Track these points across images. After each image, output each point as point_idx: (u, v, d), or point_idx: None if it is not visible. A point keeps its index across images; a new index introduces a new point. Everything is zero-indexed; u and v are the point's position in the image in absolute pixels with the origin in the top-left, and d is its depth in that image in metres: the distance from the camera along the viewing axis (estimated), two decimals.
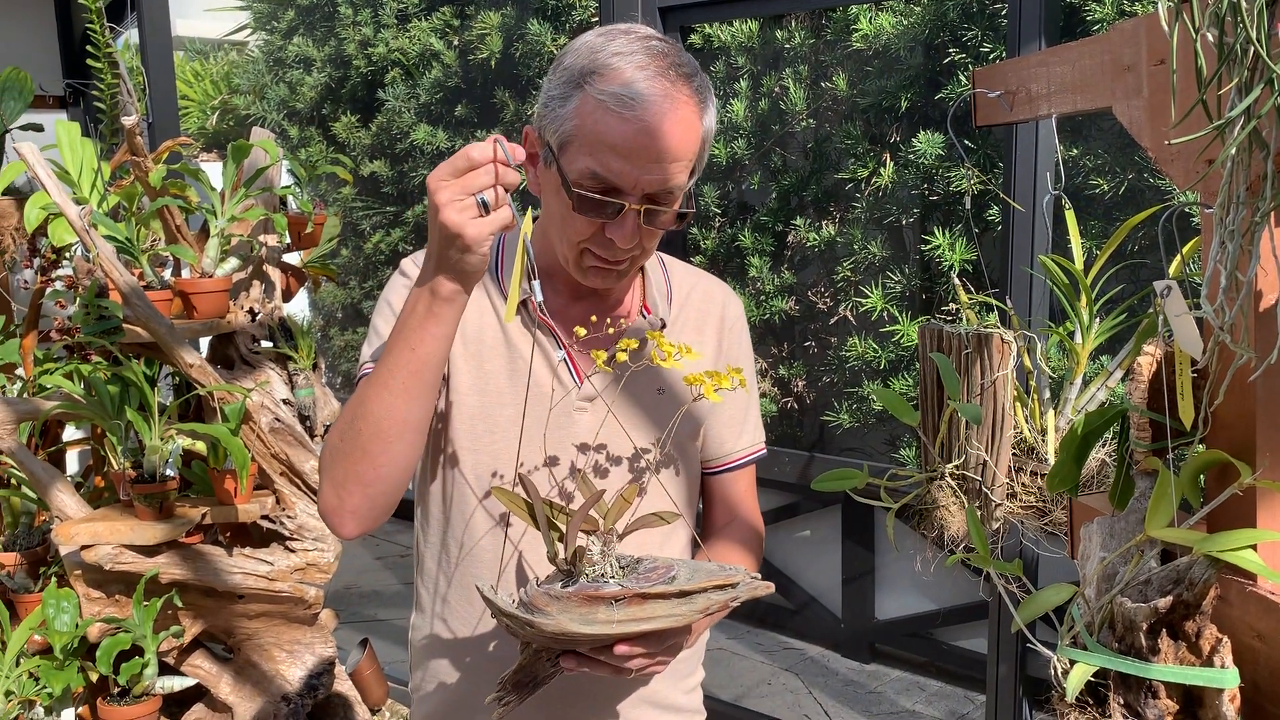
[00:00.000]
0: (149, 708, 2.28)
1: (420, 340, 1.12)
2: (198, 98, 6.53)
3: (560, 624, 1.05)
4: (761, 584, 1.10)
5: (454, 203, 1.04)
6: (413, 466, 1.19)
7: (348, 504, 1.18)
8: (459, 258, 1.06)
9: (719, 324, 1.42)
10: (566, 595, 1.06)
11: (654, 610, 1.06)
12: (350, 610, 4.33)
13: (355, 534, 1.21)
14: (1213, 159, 0.84)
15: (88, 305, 2.42)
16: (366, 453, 1.15)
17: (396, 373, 1.13)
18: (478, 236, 1.05)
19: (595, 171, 1.17)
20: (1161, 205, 1.12)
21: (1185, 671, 0.87)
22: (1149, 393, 0.99)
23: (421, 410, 1.15)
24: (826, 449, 3.82)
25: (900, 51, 3.35)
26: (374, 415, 1.14)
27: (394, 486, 1.18)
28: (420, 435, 1.17)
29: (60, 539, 2.19)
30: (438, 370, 1.14)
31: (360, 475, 1.16)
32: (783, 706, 3.59)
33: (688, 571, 1.10)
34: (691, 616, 1.07)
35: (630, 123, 1.15)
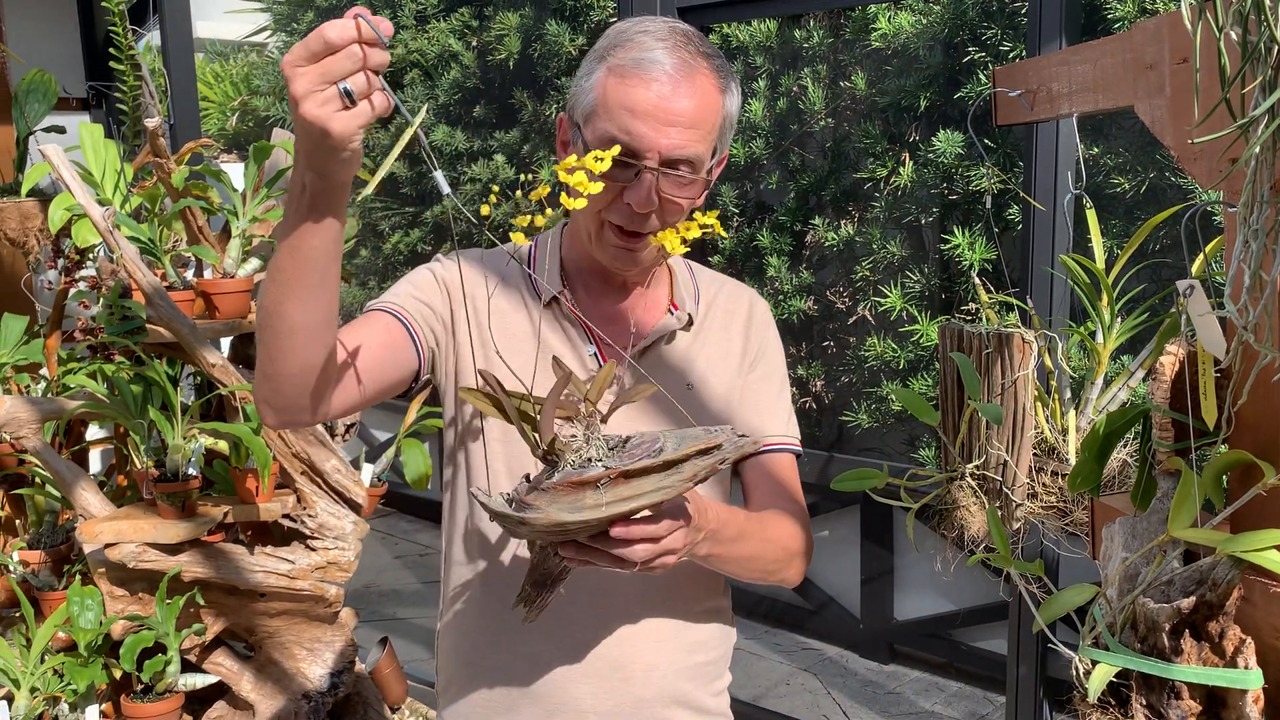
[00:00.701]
0: (172, 705, 2.30)
1: (300, 239, 1.03)
2: (218, 99, 6.57)
3: (550, 515, 1.01)
4: (746, 441, 1.06)
5: (313, 94, 0.91)
6: (318, 365, 1.12)
7: (261, 392, 1.15)
8: (326, 156, 0.95)
9: (745, 322, 1.41)
10: (553, 486, 1.01)
11: (641, 487, 1.01)
12: (370, 609, 4.35)
13: (276, 424, 1.18)
14: (1236, 158, 0.84)
15: (111, 306, 2.44)
16: (265, 345, 1.11)
17: (281, 270, 1.06)
18: (344, 132, 0.93)
19: (613, 135, 1.19)
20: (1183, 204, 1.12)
21: (1208, 672, 0.87)
22: (1171, 392, 0.99)
23: (313, 310, 1.08)
24: (845, 449, 3.81)
25: (919, 50, 3.34)
26: (268, 312, 1.09)
27: (301, 382, 1.12)
28: (317, 335, 1.10)
29: (84, 537, 2.21)
30: (322, 273, 1.06)
31: (263, 367, 1.13)
32: (801, 707, 3.59)
33: (675, 441, 1.05)
34: (682, 486, 1.02)
35: (647, 84, 1.18)
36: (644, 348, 1.34)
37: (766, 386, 1.40)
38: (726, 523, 1.20)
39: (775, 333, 1.44)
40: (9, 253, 3.20)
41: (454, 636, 1.40)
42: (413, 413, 2.75)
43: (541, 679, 1.33)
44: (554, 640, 1.32)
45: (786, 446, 1.40)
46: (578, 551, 1.06)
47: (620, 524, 1.03)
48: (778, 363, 1.43)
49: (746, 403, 1.38)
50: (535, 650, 1.33)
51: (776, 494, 1.37)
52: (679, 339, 1.36)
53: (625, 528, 1.03)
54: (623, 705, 1.33)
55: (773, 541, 1.31)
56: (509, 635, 1.35)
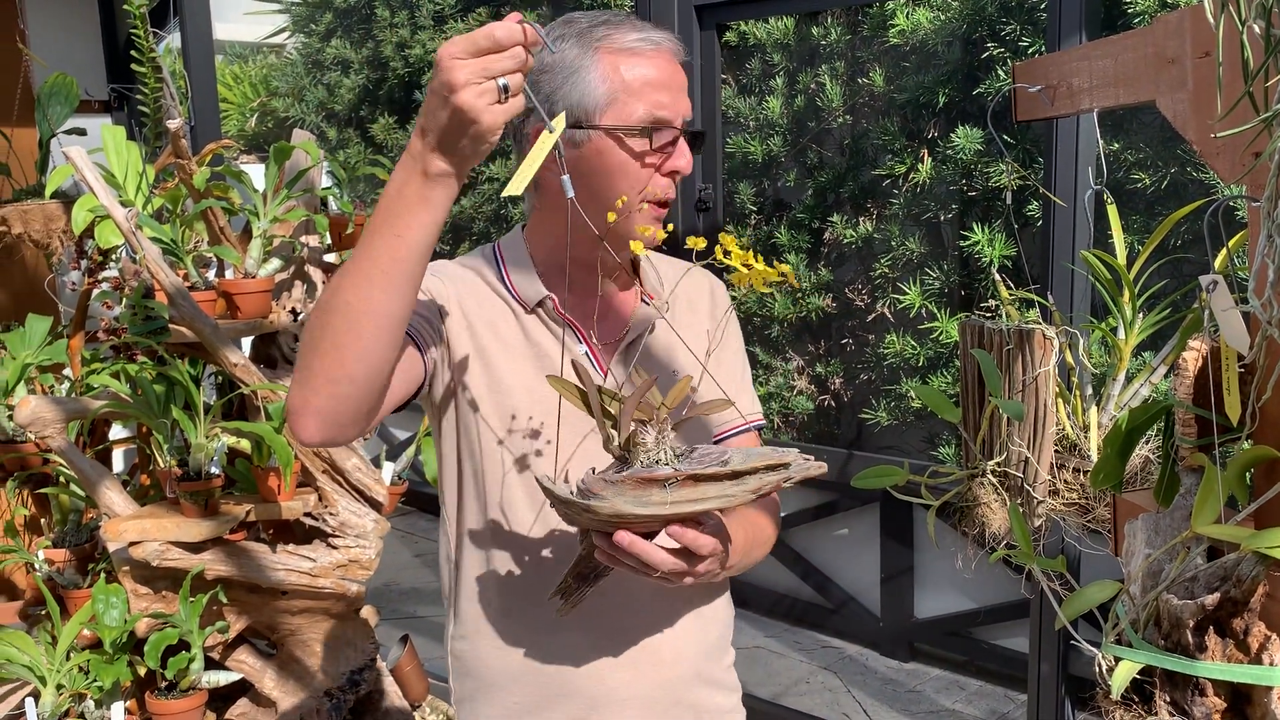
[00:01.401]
0: (195, 701, 2.32)
1: (408, 226, 1.03)
2: (237, 100, 6.61)
3: (615, 505, 1.07)
4: (814, 464, 1.11)
5: (472, 84, 0.96)
6: (386, 372, 1.11)
7: (312, 402, 1.08)
8: (467, 144, 1.00)
9: (709, 304, 1.47)
10: (621, 479, 1.07)
11: (706, 492, 1.08)
12: (390, 607, 4.37)
13: (316, 439, 1.11)
14: (1259, 152, 0.83)
15: (134, 306, 2.46)
16: (337, 346, 1.06)
17: (379, 261, 1.04)
18: (493, 124, 0.98)
19: (650, 112, 1.25)
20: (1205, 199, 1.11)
21: (1233, 669, 0.87)
22: (1194, 388, 0.99)
23: (401, 305, 1.07)
24: (864, 447, 3.80)
25: (938, 47, 3.33)
26: (349, 306, 1.05)
27: (363, 390, 1.09)
28: (396, 334, 1.08)
29: (108, 536, 2.23)
30: (421, 263, 1.06)
31: (328, 371, 1.07)
32: (821, 705, 3.58)
33: (741, 456, 1.11)
34: (744, 497, 1.09)
35: (661, 57, 1.26)
36: (631, 341, 1.37)
37: (734, 365, 1.47)
38: (737, 544, 1.27)
39: (734, 315, 1.51)
40: (33, 254, 3.24)
41: (475, 644, 1.39)
42: None
43: (577, 673, 1.34)
44: (585, 633, 1.33)
45: (754, 424, 1.48)
46: (610, 547, 1.11)
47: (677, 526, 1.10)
48: (740, 340, 1.50)
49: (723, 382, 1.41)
50: (569, 645, 1.34)
51: None
52: (659, 327, 1.40)
53: (680, 529, 1.10)
54: (657, 689, 1.36)
55: (763, 543, 1.40)
56: (538, 636, 1.35)
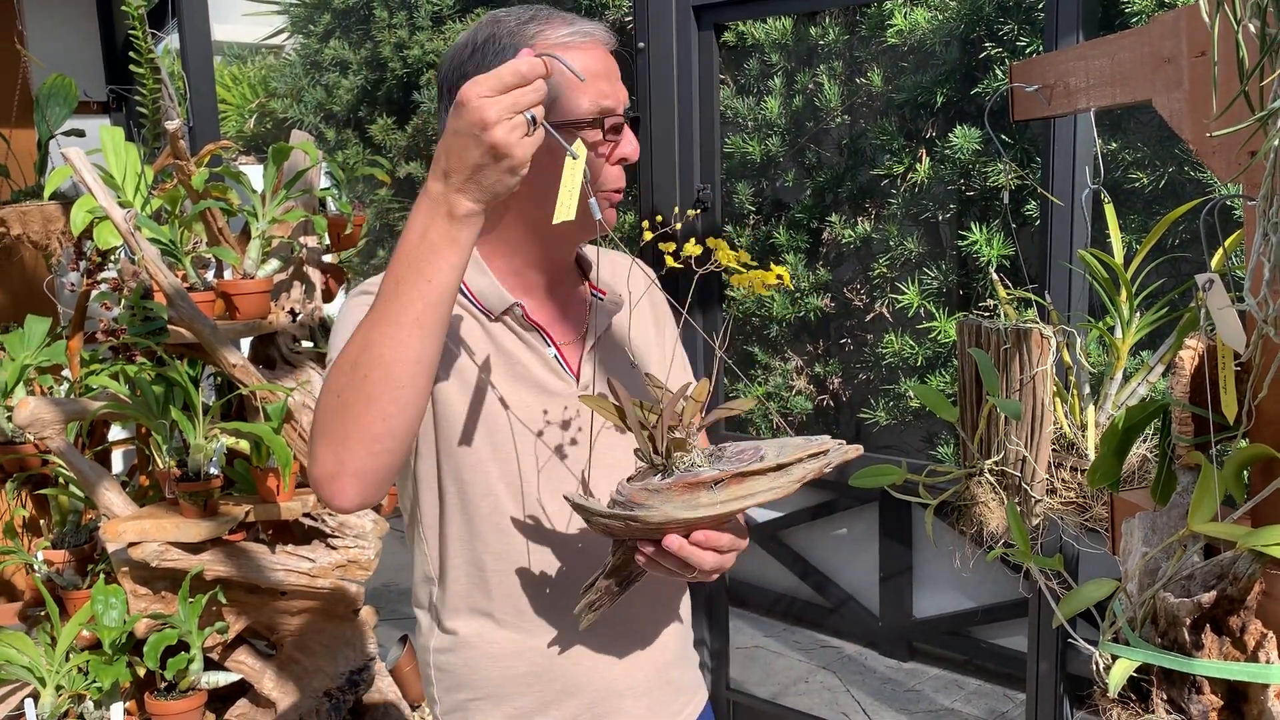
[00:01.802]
0: (195, 702, 2.32)
1: (437, 270, 1.03)
2: (236, 101, 6.61)
3: (666, 513, 1.08)
4: (851, 448, 1.14)
5: (504, 121, 0.99)
6: (419, 420, 1.09)
7: (349, 465, 1.06)
8: (499, 178, 1.02)
9: (642, 289, 1.48)
10: (665, 487, 1.09)
11: (754, 487, 1.10)
12: (390, 608, 4.37)
13: (355, 503, 1.08)
14: (1255, 151, 0.84)
15: (133, 307, 2.46)
16: (373, 402, 1.04)
17: (410, 308, 1.03)
18: (525, 157, 1.01)
19: (598, 103, 1.23)
20: (1202, 199, 1.11)
21: (1230, 667, 0.87)
22: (1191, 387, 0.99)
23: (434, 350, 1.07)
24: (863, 446, 3.80)
25: (936, 46, 3.33)
26: (383, 359, 1.03)
27: (401, 444, 1.08)
28: (430, 382, 1.08)
29: (108, 536, 2.23)
30: (450, 305, 1.06)
31: (366, 429, 1.05)
32: (820, 704, 3.59)
33: (774, 449, 1.13)
34: (790, 487, 1.11)
35: (594, 49, 1.25)
36: (596, 339, 1.37)
37: (676, 347, 1.48)
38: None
39: (659, 289, 1.50)
40: (31, 255, 3.24)
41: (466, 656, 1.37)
42: None
43: (578, 671, 1.35)
44: (581, 633, 1.33)
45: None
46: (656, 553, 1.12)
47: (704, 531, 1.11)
48: (671, 319, 1.50)
49: (676, 365, 1.45)
50: (566, 647, 1.34)
51: None
52: (613, 326, 1.40)
53: (707, 534, 1.12)
54: (650, 675, 1.39)
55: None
56: (533, 640, 1.35)
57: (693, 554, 1.11)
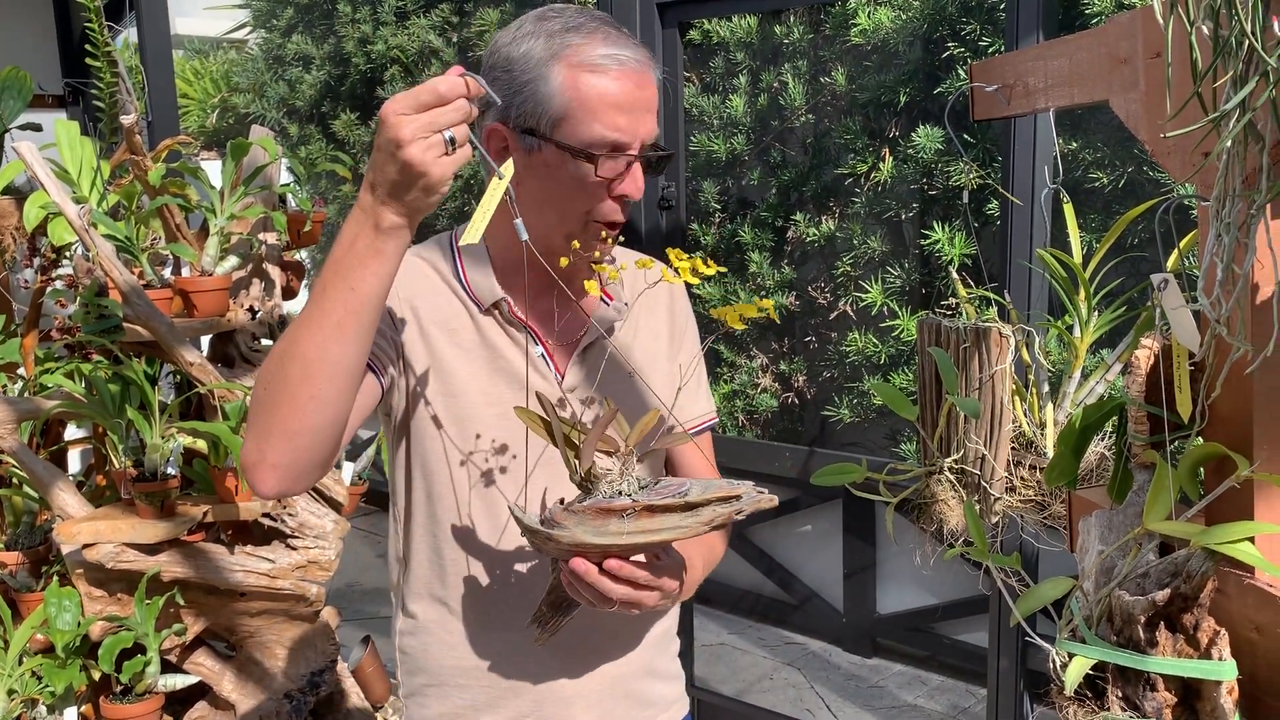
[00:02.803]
0: (152, 706, 2.29)
1: (361, 279, 1.05)
2: (197, 96, 6.53)
3: (575, 535, 1.10)
4: (765, 497, 1.12)
5: (419, 139, 0.99)
6: (341, 421, 1.11)
7: (269, 456, 1.09)
8: (417, 196, 1.02)
9: (668, 300, 1.46)
10: (582, 509, 1.11)
11: (662, 523, 1.10)
12: (352, 608, 4.33)
13: (274, 491, 1.12)
14: (1209, 152, 0.84)
15: (88, 304, 2.42)
16: (294, 399, 1.07)
17: (332, 312, 1.05)
18: (443, 176, 1.01)
19: (603, 134, 1.20)
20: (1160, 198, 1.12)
21: (1183, 664, 0.88)
22: (1147, 386, 1.00)
23: (357, 355, 1.08)
24: (827, 444, 3.82)
25: (899, 46, 3.35)
26: (305, 358, 1.06)
27: (321, 440, 1.10)
28: (352, 384, 1.10)
29: (62, 538, 2.19)
30: (376, 312, 1.07)
31: (285, 424, 1.08)
32: (785, 701, 3.60)
33: (700, 488, 1.13)
34: (698, 529, 1.11)
35: (624, 79, 1.21)
36: (589, 344, 1.36)
37: (695, 364, 1.47)
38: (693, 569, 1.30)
39: (688, 303, 1.50)
40: None
41: (424, 641, 1.39)
42: None
43: (526, 672, 1.35)
44: (531, 631, 1.33)
45: (708, 424, 1.50)
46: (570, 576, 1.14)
47: (616, 559, 1.12)
48: (695, 337, 1.50)
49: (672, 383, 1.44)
50: (518, 644, 1.34)
51: (702, 471, 1.47)
52: (616, 329, 1.39)
53: (618, 563, 1.12)
54: (603, 685, 1.38)
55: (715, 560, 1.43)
56: (487, 635, 1.35)
57: (599, 581, 1.13)
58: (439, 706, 1.39)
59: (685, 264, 1.14)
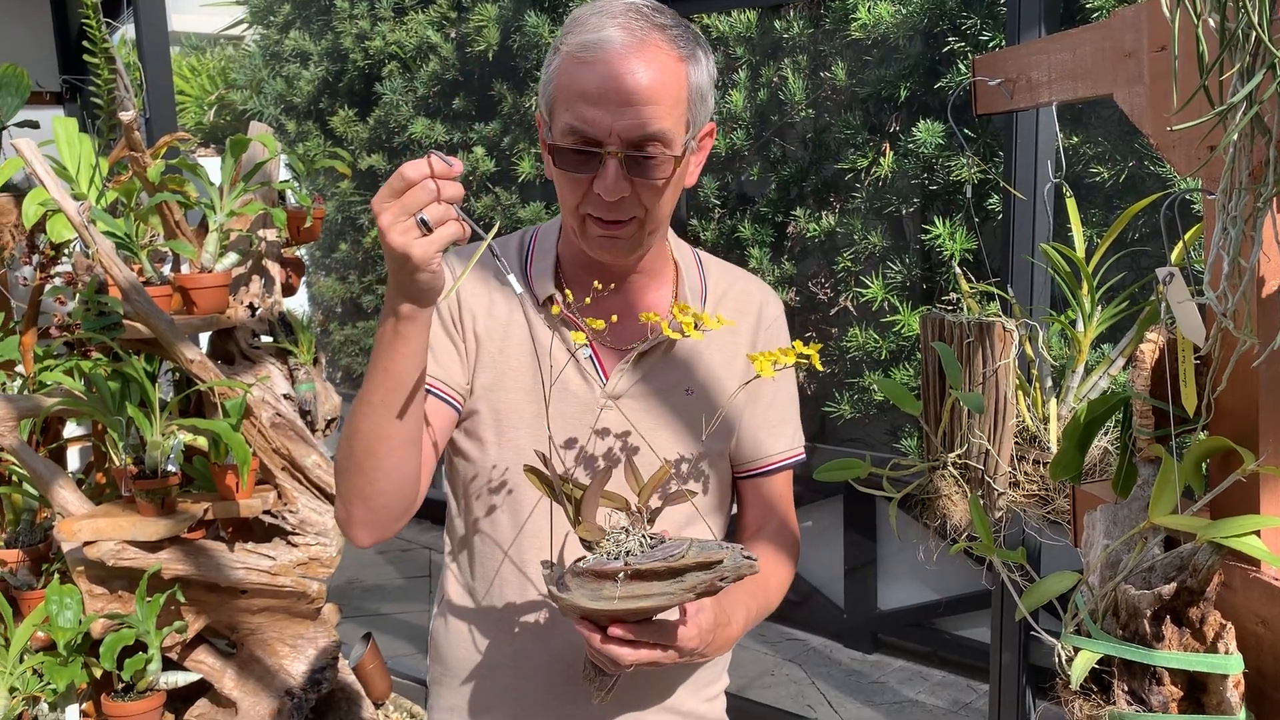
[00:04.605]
0: (153, 703, 2.28)
1: (392, 361, 1.12)
2: (195, 93, 6.52)
3: (574, 599, 1.07)
4: (746, 562, 1.07)
5: (396, 224, 1.02)
6: (411, 478, 1.20)
7: (355, 516, 1.21)
8: (409, 279, 1.05)
9: (755, 323, 1.37)
10: (583, 571, 1.08)
11: (649, 589, 1.06)
12: (353, 605, 4.33)
13: (370, 543, 1.23)
14: (1215, 145, 0.84)
15: (87, 301, 2.42)
16: (361, 469, 1.17)
17: (375, 392, 1.14)
18: (423, 256, 1.02)
19: (572, 125, 1.16)
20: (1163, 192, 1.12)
21: (1189, 658, 0.87)
22: (1152, 380, 0.99)
23: (406, 427, 1.16)
24: (828, 439, 3.82)
25: (899, 40, 3.34)
26: (362, 434, 1.16)
27: (395, 499, 1.20)
28: (410, 450, 1.18)
29: (62, 535, 2.19)
30: (414, 389, 1.14)
31: (359, 490, 1.19)
32: (786, 697, 3.60)
33: (698, 548, 1.08)
34: (683, 596, 1.06)
35: (595, 66, 1.14)
36: (643, 351, 1.30)
37: (775, 397, 1.38)
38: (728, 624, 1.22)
39: (786, 337, 1.40)
40: None
41: (450, 632, 1.40)
42: None
43: (530, 682, 1.33)
44: (543, 644, 1.32)
45: (789, 461, 1.41)
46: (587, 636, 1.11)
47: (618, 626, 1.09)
48: (784, 374, 1.39)
49: (753, 414, 1.36)
50: (525, 653, 1.33)
51: (769, 513, 1.40)
52: (682, 340, 1.32)
53: (621, 631, 1.10)
54: (614, 709, 1.33)
55: (772, 593, 1.35)
56: (502, 637, 1.35)
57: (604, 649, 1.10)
58: (451, 700, 1.40)
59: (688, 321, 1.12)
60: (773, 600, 1.35)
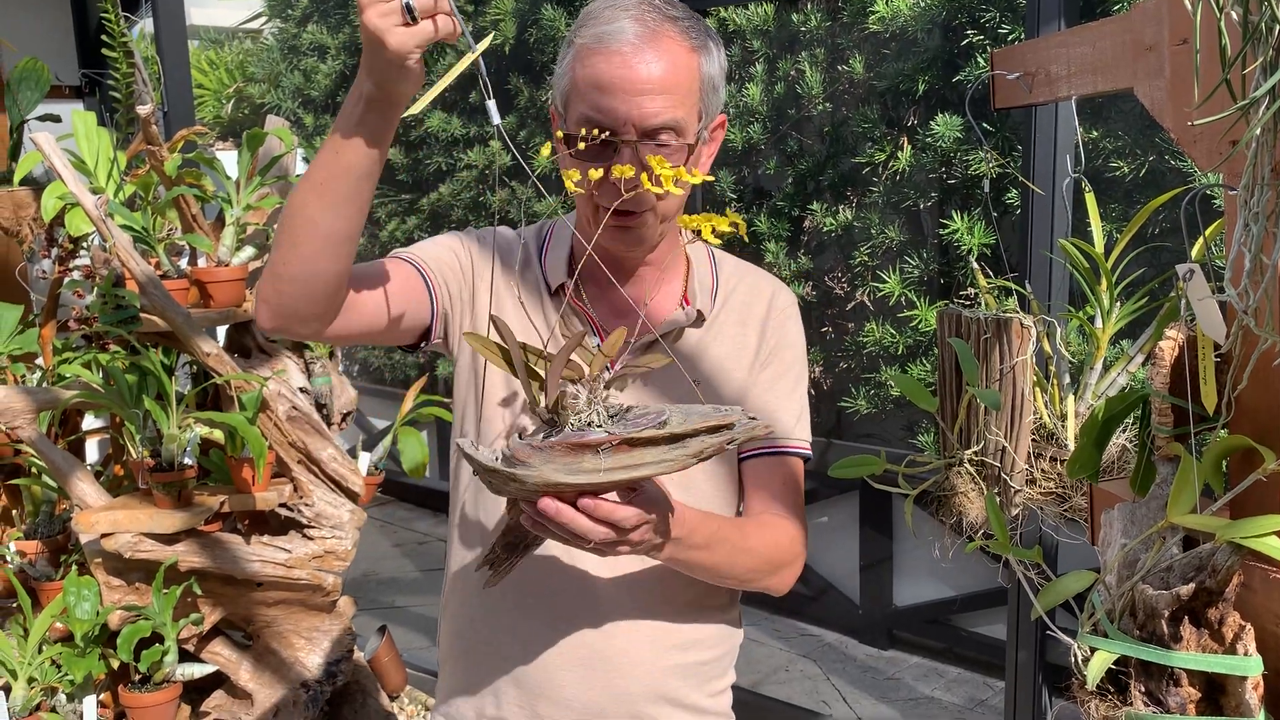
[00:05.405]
0: (170, 694, 2.30)
1: (343, 145, 1.07)
2: (213, 86, 6.54)
3: (544, 475, 0.98)
4: (759, 424, 1.02)
5: (376, 4, 0.97)
6: (322, 279, 1.13)
7: (264, 291, 1.16)
8: (380, 65, 1.00)
9: (764, 316, 1.36)
10: (550, 445, 0.98)
11: (643, 457, 0.98)
12: (368, 598, 4.35)
13: (268, 325, 1.17)
14: (1237, 140, 0.83)
15: (105, 295, 2.43)
16: (279, 244, 1.13)
17: (318, 172, 1.10)
18: (399, 47, 0.98)
19: (587, 115, 1.18)
20: (1183, 188, 1.11)
21: (1208, 659, 0.86)
22: (1171, 377, 0.98)
23: (332, 220, 1.10)
24: (843, 435, 3.81)
25: (917, 34, 3.32)
26: (293, 207, 1.11)
27: (299, 291, 1.13)
28: (331, 248, 1.12)
29: (80, 527, 2.20)
30: (357, 185, 1.09)
31: (274, 266, 1.14)
32: (800, 693, 3.59)
33: (680, 416, 1.02)
34: (685, 461, 1.00)
35: (609, 56, 1.17)
36: (649, 342, 1.30)
37: (778, 385, 1.36)
38: (695, 529, 1.16)
39: (797, 327, 1.39)
40: (3, 242, 3.19)
41: (452, 611, 1.41)
42: (409, 401, 2.74)
43: (528, 663, 1.33)
44: (544, 624, 1.32)
45: (791, 450, 1.36)
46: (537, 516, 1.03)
47: (590, 498, 1.01)
48: (793, 359, 1.37)
49: (754, 402, 1.34)
50: (525, 632, 1.33)
51: (773, 498, 1.34)
52: (688, 334, 1.33)
53: (594, 503, 1.01)
54: (606, 697, 1.31)
55: (752, 551, 1.28)
56: (502, 615, 1.34)
57: (573, 521, 1.02)
58: (445, 683, 1.42)
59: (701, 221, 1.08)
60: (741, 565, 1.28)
